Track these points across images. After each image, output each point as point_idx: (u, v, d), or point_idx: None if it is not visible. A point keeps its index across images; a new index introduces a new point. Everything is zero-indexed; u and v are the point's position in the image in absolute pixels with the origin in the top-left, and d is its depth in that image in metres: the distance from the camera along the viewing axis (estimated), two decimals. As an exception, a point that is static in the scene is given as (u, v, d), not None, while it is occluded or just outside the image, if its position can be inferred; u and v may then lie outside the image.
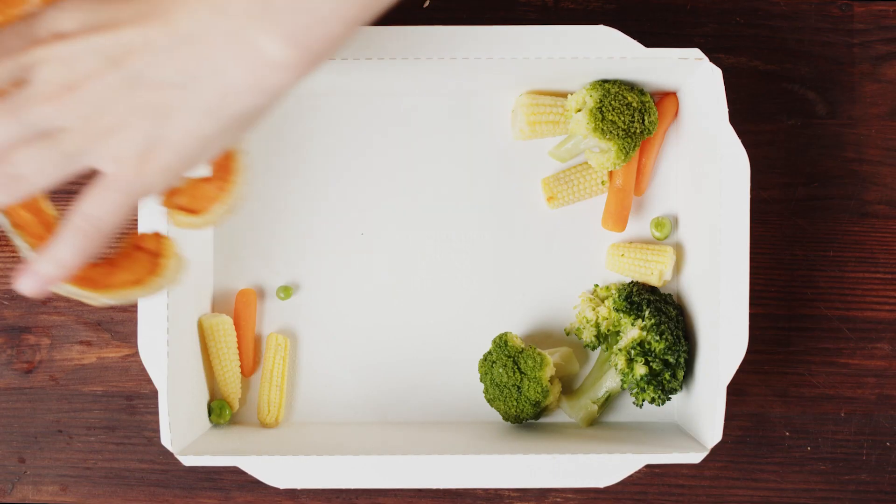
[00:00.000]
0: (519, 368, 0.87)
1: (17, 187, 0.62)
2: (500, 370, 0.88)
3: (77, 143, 0.61)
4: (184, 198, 0.77)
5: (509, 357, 0.88)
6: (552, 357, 0.90)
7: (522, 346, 0.89)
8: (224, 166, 0.77)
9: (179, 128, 0.61)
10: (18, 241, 0.73)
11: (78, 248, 0.63)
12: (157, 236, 0.78)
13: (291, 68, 0.59)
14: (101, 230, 0.63)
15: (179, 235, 0.84)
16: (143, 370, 0.93)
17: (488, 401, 0.90)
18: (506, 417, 0.90)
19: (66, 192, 0.94)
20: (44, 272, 0.64)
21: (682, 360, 0.86)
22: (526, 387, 0.87)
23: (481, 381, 0.90)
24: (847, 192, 0.93)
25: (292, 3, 0.58)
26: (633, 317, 0.87)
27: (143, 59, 0.60)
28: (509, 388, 0.88)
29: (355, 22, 0.59)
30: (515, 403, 0.88)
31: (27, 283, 0.64)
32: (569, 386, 0.93)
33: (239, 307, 0.92)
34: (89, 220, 0.63)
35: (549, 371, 0.88)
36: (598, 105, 0.86)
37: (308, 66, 0.60)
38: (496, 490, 0.93)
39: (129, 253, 0.78)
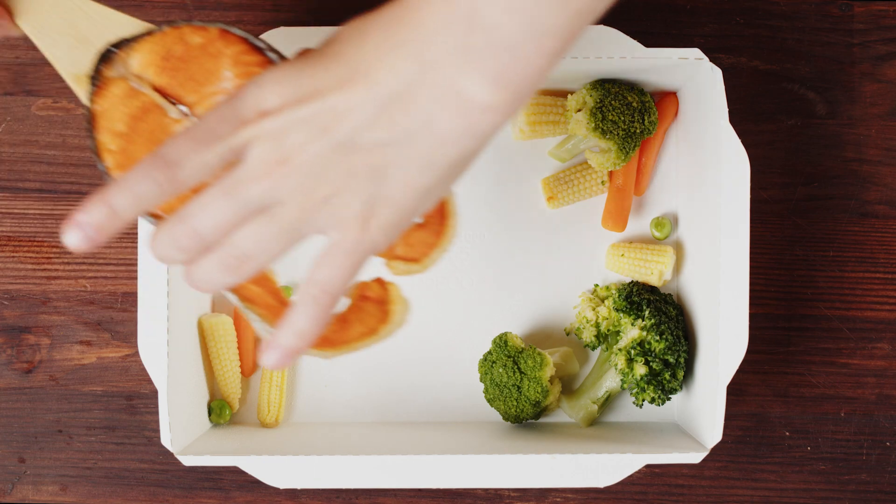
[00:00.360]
0: (519, 368, 0.87)
1: (246, 267, 0.63)
2: (500, 370, 0.88)
3: (297, 216, 0.61)
4: (400, 247, 0.79)
5: (509, 357, 0.88)
6: (552, 357, 0.90)
7: (522, 345, 0.89)
8: (436, 211, 0.78)
9: (398, 185, 0.61)
10: (250, 315, 0.76)
11: (314, 316, 0.64)
12: (380, 282, 0.80)
13: (501, 109, 0.59)
14: (333, 295, 0.63)
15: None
16: (143, 370, 0.93)
17: (488, 401, 0.90)
18: (506, 417, 0.90)
19: (66, 193, 0.94)
20: (286, 344, 0.64)
21: (681, 360, 0.86)
22: (526, 387, 0.87)
23: (481, 380, 0.90)
24: (847, 192, 0.93)
25: (493, 45, 0.57)
26: (633, 317, 0.87)
27: (352, 124, 0.60)
28: (509, 388, 0.88)
29: (558, 55, 0.58)
30: (515, 403, 0.88)
31: (272, 357, 0.64)
32: (569, 386, 0.93)
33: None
34: (321, 286, 0.63)
35: (549, 371, 0.88)
36: (598, 105, 0.86)
37: (517, 103, 0.59)
38: (496, 490, 0.93)
39: (358, 305, 0.80)
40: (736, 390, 0.92)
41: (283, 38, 0.82)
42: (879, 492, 0.93)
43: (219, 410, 0.90)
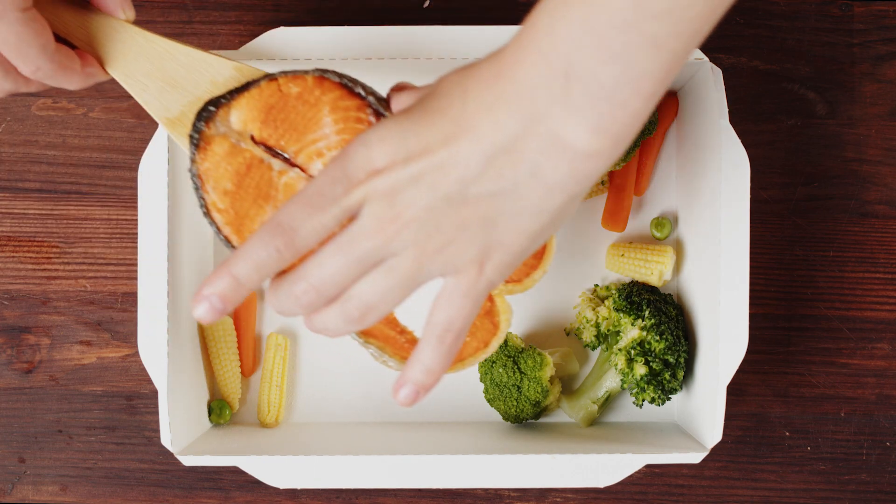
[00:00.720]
0: (519, 368, 0.87)
1: (369, 317, 0.66)
2: (501, 370, 0.88)
3: (413, 266, 0.64)
4: None
5: (509, 357, 0.88)
6: (552, 357, 0.90)
7: (522, 345, 0.89)
8: None
9: (509, 231, 0.63)
10: (371, 350, 0.80)
11: (439, 353, 0.67)
12: (488, 296, 0.83)
13: (604, 154, 0.60)
14: (456, 333, 0.66)
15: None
16: (143, 370, 0.93)
17: (488, 400, 0.90)
18: (505, 417, 0.90)
19: (66, 193, 0.94)
20: (417, 380, 0.67)
21: (681, 360, 0.86)
22: (526, 387, 0.87)
23: (481, 380, 0.90)
24: (847, 192, 0.93)
25: (591, 95, 0.58)
26: (633, 317, 0.87)
27: (460, 178, 0.62)
28: (509, 388, 0.88)
29: (656, 95, 0.59)
30: (515, 403, 0.88)
31: (405, 393, 0.67)
32: (569, 386, 0.93)
33: (239, 307, 0.92)
34: (444, 326, 0.66)
35: (550, 371, 0.88)
36: (598, 105, 0.86)
37: (619, 147, 0.60)
38: (496, 490, 0.93)
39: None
40: (736, 390, 0.92)
41: (283, 38, 0.82)
42: (879, 492, 0.93)
43: (219, 410, 0.90)
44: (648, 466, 0.93)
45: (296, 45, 0.82)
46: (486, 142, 0.61)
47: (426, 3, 0.93)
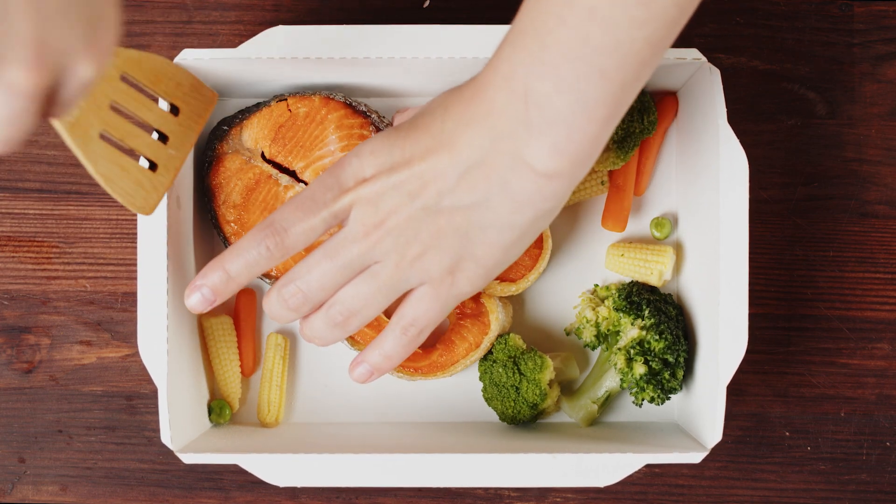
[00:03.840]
0: (519, 369, 0.87)
1: (352, 322, 0.71)
2: (500, 370, 0.88)
3: (393, 273, 0.68)
4: None
5: (510, 357, 0.88)
6: (553, 361, 0.90)
7: (524, 346, 0.89)
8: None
9: (481, 244, 0.68)
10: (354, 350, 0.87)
11: (401, 344, 0.72)
12: (474, 297, 0.87)
13: (564, 175, 0.64)
14: (420, 329, 0.72)
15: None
16: (143, 370, 0.93)
17: (486, 399, 0.90)
18: (502, 418, 0.90)
19: (66, 193, 0.94)
20: (373, 362, 0.73)
21: (681, 360, 0.86)
22: (525, 388, 0.87)
23: (480, 379, 0.90)
24: (847, 192, 0.93)
25: (548, 120, 0.62)
26: (632, 316, 0.87)
27: (438, 189, 0.66)
28: (508, 389, 0.88)
29: (610, 120, 0.63)
30: (513, 404, 0.88)
31: (360, 371, 0.74)
32: (568, 387, 0.93)
33: (239, 307, 0.92)
34: (409, 321, 0.71)
35: (549, 374, 0.88)
36: (598, 105, 0.86)
37: (578, 168, 0.65)
38: (496, 490, 0.93)
39: (459, 325, 0.89)
40: (736, 390, 0.92)
41: (283, 38, 0.82)
42: (879, 492, 0.93)
43: (219, 410, 0.90)
44: (648, 466, 0.93)
45: (295, 44, 0.82)
46: (460, 156, 0.65)
47: (426, 3, 0.94)
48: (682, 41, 0.92)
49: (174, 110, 0.77)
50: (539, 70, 0.61)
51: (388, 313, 0.79)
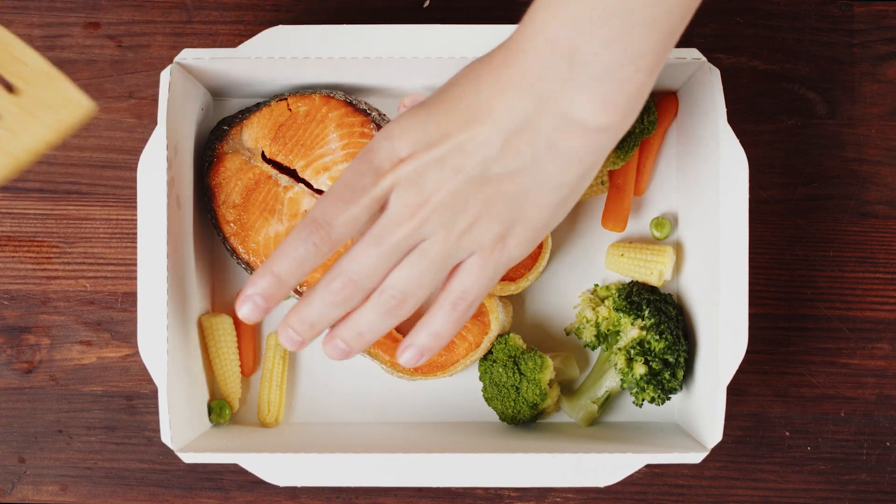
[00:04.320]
0: (519, 369, 0.87)
1: (405, 306, 0.68)
2: (500, 370, 0.88)
3: (443, 249, 0.67)
4: None
5: (510, 357, 0.88)
6: (553, 361, 0.90)
7: (524, 346, 0.89)
8: None
9: (531, 206, 0.67)
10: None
11: (451, 320, 0.69)
12: None
13: (614, 127, 0.64)
14: (470, 303, 0.69)
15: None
16: (143, 370, 0.93)
17: (486, 399, 0.90)
18: (502, 417, 0.90)
19: (66, 193, 0.94)
20: (422, 344, 0.70)
21: (681, 360, 0.86)
22: (525, 388, 0.87)
23: (480, 379, 0.90)
24: (847, 192, 0.93)
25: (596, 75, 0.62)
26: (632, 316, 0.87)
27: (482, 159, 0.65)
28: (508, 389, 0.88)
29: (656, 68, 0.63)
30: (513, 404, 0.88)
31: (410, 355, 0.71)
32: (568, 387, 0.93)
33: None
34: (459, 294, 0.69)
35: (549, 374, 0.88)
36: (598, 105, 0.86)
37: (627, 119, 0.64)
38: (496, 490, 0.93)
39: None
40: (736, 390, 0.92)
41: (283, 38, 0.82)
42: (879, 492, 0.93)
43: (219, 410, 0.90)
44: (648, 466, 0.93)
45: (295, 44, 0.82)
46: (502, 123, 0.64)
47: (426, 3, 0.94)
48: (682, 41, 0.92)
49: (9, 87, 0.71)
50: (587, 28, 0.61)
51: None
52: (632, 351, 0.86)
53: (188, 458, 0.82)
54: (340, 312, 0.68)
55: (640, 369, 0.86)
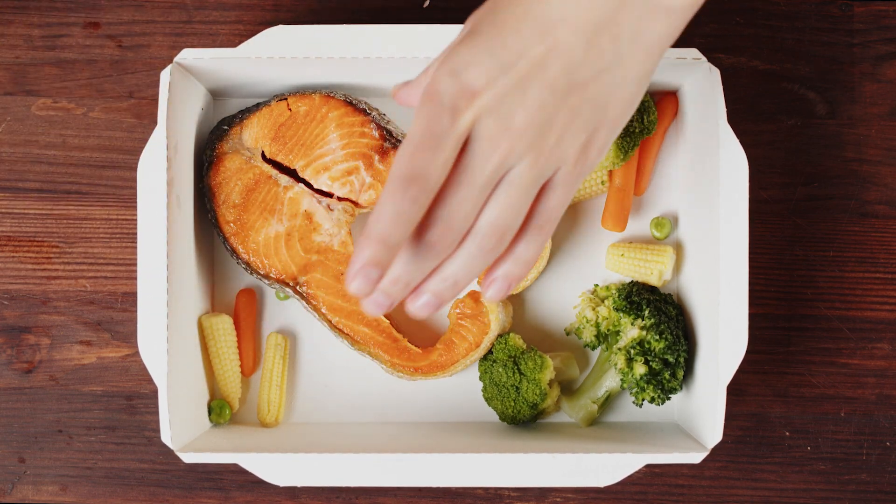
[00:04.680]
0: (519, 369, 0.87)
1: (503, 241, 0.65)
2: (500, 370, 0.88)
3: (533, 172, 0.64)
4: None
5: (510, 357, 0.88)
6: (553, 361, 0.90)
7: (524, 346, 0.89)
8: None
9: (613, 105, 0.65)
10: (366, 356, 0.88)
11: (537, 244, 0.66)
12: (474, 297, 0.89)
13: (691, 5, 0.63)
14: (554, 223, 0.66)
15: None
16: (143, 370, 0.93)
17: (486, 399, 0.90)
18: (502, 417, 0.90)
19: (66, 193, 0.94)
20: (510, 273, 0.67)
21: (681, 360, 0.86)
22: (525, 388, 0.87)
23: (480, 379, 0.90)
24: (847, 192, 0.93)
25: None
26: (632, 316, 0.87)
27: (566, 66, 0.63)
28: (508, 389, 0.88)
29: None
30: (513, 404, 0.88)
31: (498, 288, 0.67)
32: (568, 387, 0.93)
33: (239, 307, 0.92)
34: (545, 216, 0.66)
35: (549, 374, 0.88)
36: (598, 105, 0.86)
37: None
38: (496, 490, 0.93)
39: (458, 325, 0.89)
40: (736, 390, 0.92)
41: (283, 38, 0.82)
42: (879, 492, 0.93)
43: (219, 410, 0.90)
44: (648, 466, 0.93)
45: (295, 43, 0.82)
46: (582, 24, 0.62)
47: (426, 3, 0.94)
48: (682, 41, 0.92)
49: None
50: None
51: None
52: (632, 351, 0.86)
53: (188, 457, 0.82)
54: (433, 265, 0.65)
55: (640, 369, 0.86)
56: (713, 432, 0.82)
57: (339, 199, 0.88)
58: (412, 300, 0.66)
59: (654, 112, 0.89)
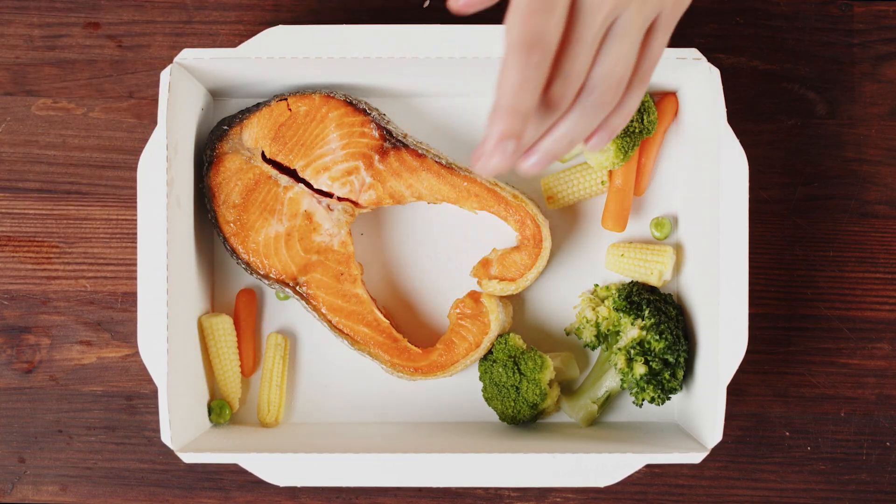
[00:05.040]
0: (519, 369, 0.87)
1: (618, 93, 0.65)
2: (500, 370, 0.88)
3: (637, 19, 0.63)
4: (496, 268, 0.88)
5: (510, 357, 0.88)
6: (553, 361, 0.90)
7: (524, 346, 0.89)
8: (532, 236, 0.87)
9: None
10: (365, 356, 0.89)
11: (639, 92, 0.66)
12: (474, 297, 0.89)
13: None
14: (652, 71, 0.66)
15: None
16: (143, 370, 0.93)
17: (486, 399, 0.90)
18: (502, 417, 0.90)
19: (66, 193, 0.94)
20: (614, 124, 0.66)
21: (681, 360, 0.86)
22: (525, 388, 0.87)
23: (480, 379, 0.90)
24: (847, 192, 0.93)
25: None
26: (632, 316, 0.87)
27: None
28: (508, 389, 0.88)
29: None
30: (513, 404, 0.88)
31: (601, 138, 0.66)
32: (568, 387, 0.93)
33: (239, 307, 0.92)
34: (651, 61, 0.66)
35: (549, 374, 0.88)
36: (598, 105, 0.86)
37: None
38: (496, 490, 0.93)
39: (458, 325, 0.90)
40: (736, 390, 0.92)
41: (283, 38, 0.82)
42: (879, 492, 0.93)
43: (219, 410, 0.90)
44: (648, 466, 0.93)
45: (295, 44, 0.82)
46: None
47: (426, 3, 0.94)
48: (682, 41, 0.92)
49: None
50: None
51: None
52: (632, 351, 0.86)
53: (188, 458, 0.82)
54: (548, 124, 0.65)
55: (640, 369, 0.86)
56: (713, 432, 0.82)
57: (339, 199, 0.88)
58: (524, 158, 0.65)
59: (654, 112, 0.89)
